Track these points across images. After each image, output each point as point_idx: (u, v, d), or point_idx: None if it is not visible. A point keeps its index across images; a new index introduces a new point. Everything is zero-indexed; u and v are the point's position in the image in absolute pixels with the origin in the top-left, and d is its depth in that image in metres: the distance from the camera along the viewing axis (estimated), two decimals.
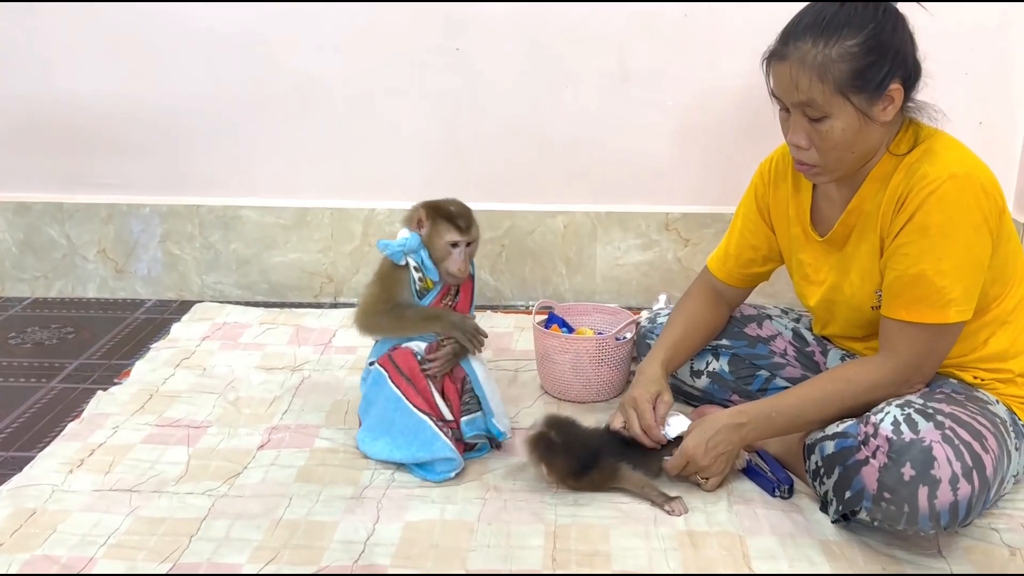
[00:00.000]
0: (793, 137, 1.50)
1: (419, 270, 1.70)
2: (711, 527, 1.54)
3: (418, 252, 1.69)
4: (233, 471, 1.70)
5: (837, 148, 1.47)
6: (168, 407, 1.95)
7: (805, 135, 1.48)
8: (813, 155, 1.50)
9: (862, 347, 1.72)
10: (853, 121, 1.45)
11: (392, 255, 1.69)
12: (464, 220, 1.70)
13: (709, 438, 1.58)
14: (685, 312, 1.84)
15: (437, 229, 1.69)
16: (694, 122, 2.47)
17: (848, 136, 1.46)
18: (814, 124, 1.46)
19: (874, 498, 1.41)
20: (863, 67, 1.42)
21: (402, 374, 1.67)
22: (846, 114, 1.44)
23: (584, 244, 2.57)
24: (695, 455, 1.59)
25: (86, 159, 2.58)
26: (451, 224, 1.69)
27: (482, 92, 2.47)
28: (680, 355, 1.81)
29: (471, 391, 1.72)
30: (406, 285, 1.71)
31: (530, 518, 1.57)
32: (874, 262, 1.55)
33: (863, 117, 1.45)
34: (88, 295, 2.67)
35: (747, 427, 1.59)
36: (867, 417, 1.47)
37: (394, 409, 1.67)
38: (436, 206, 1.70)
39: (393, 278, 1.70)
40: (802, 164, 1.53)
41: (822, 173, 1.52)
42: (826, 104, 1.43)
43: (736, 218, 1.82)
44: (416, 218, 1.70)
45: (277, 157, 2.56)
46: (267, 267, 2.63)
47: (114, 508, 1.58)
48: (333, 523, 1.54)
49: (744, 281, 1.84)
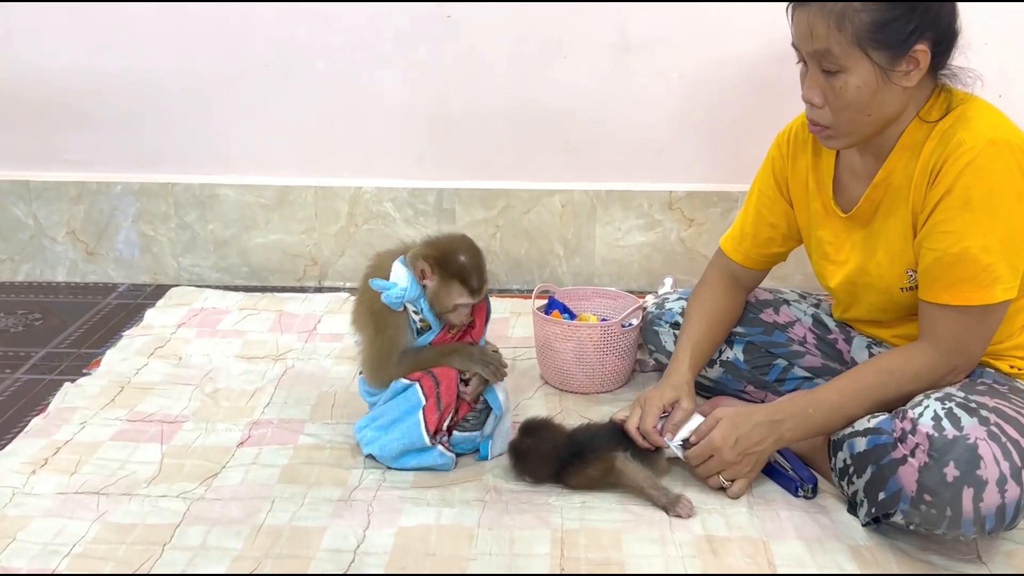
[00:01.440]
0: (808, 92, 1.42)
1: (418, 313, 1.57)
2: (731, 531, 1.45)
3: (418, 302, 1.55)
4: (210, 471, 1.61)
5: (850, 108, 1.39)
6: (140, 400, 1.86)
7: (820, 91, 1.41)
8: (826, 115, 1.42)
9: (888, 333, 1.62)
10: (870, 79, 1.36)
11: (389, 303, 1.53)
12: (477, 279, 1.52)
13: (742, 433, 1.48)
14: (704, 303, 1.73)
15: (446, 288, 1.52)
16: (700, 95, 2.41)
17: (863, 96, 1.37)
18: (829, 78, 1.39)
19: (912, 500, 1.32)
20: (886, 20, 1.33)
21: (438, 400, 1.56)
22: (863, 70, 1.36)
23: (583, 224, 2.51)
24: (722, 448, 1.49)
25: (53, 134, 2.51)
26: (463, 286, 1.52)
27: (475, 62, 2.41)
28: (705, 353, 1.71)
29: (480, 411, 1.63)
30: (406, 327, 1.58)
31: (534, 522, 1.47)
32: (905, 240, 1.46)
33: (882, 76, 1.36)
34: (57, 279, 2.61)
35: (784, 425, 1.49)
36: (903, 412, 1.37)
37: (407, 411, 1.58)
38: (445, 261, 1.51)
39: (391, 322, 1.56)
40: (814, 124, 1.46)
41: (835, 136, 1.45)
42: (842, 56, 1.35)
43: (751, 194, 1.71)
44: (420, 268, 1.52)
45: (257, 131, 2.50)
46: (247, 249, 2.57)
47: (80, 513, 1.49)
48: (320, 529, 1.45)
49: (762, 263, 1.75)
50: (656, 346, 1.87)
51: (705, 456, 1.50)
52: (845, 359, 1.72)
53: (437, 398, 1.56)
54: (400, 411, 1.58)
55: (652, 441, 1.54)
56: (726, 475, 1.51)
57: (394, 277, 1.54)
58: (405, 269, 1.54)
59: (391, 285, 1.52)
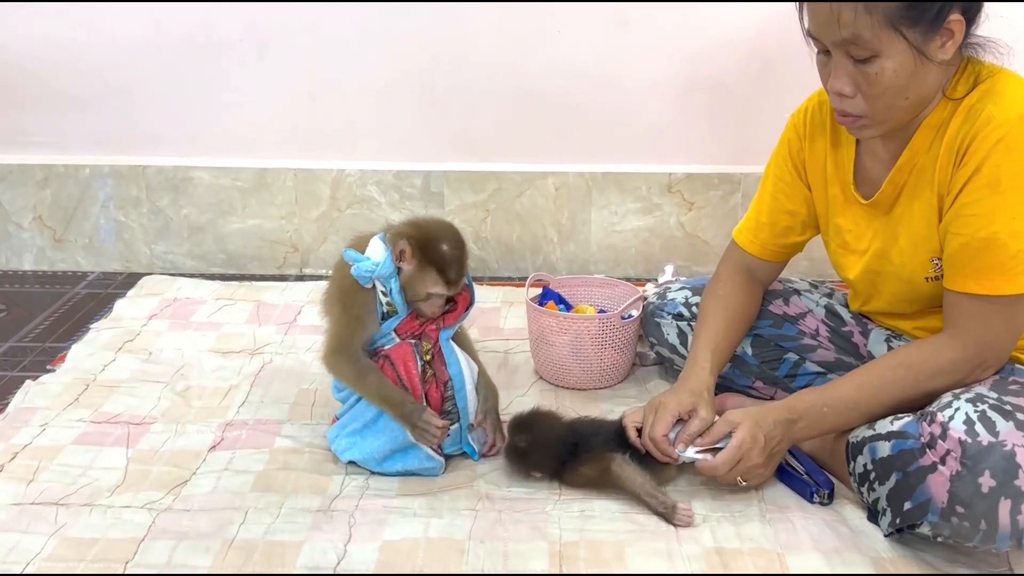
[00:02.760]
0: (835, 83, 1.32)
1: (386, 295, 1.49)
2: (743, 543, 1.36)
3: (388, 281, 1.47)
4: (179, 478, 1.51)
5: (887, 94, 1.30)
6: (106, 399, 1.76)
7: (850, 80, 1.30)
8: (859, 104, 1.32)
9: (910, 325, 1.53)
10: (907, 60, 1.27)
11: (358, 277, 1.46)
12: (455, 271, 1.47)
13: (766, 432, 1.40)
14: (721, 301, 1.62)
15: (422, 275, 1.46)
16: (701, 71, 2.36)
17: (901, 79, 1.28)
18: (860, 66, 1.29)
19: (943, 512, 1.22)
20: None
21: (398, 376, 1.48)
22: (898, 52, 1.26)
23: (577, 208, 2.45)
24: (751, 451, 1.39)
25: (16, 114, 2.45)
26: (440, 275, 1.46)
27: (464, 37, 2.35)
28: (724, 356, 1.60)
29: (452, 397, 1.53)
30: (372, 308, 1.49)
31: (530, 534, 1.38)
32: (930, 225, 1.37)
33: (918, 55, 1.27)
34: (24, 267, 2.54)
35: (799, 424, 1.40)
36: (930, 414, 1.27)
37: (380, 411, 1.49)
38: (426, 245, 1.46)
39: (357, 299, 1.48)
40: (845, 116, 1.35)
41: (869, 125, 1.35)
42: (874, 40, 1.25)
43: (766, 180, 1.61)
44: (399, 248, 1.46)
45: (232, 110, 2.43)
46: (223, 235, 2.50)
47: (36, 526, 1.39)
48: (296, 544, 1.35)
49: (780, 254, 1.65)
50: (658, 339, 1.77)
51: (735, 461, 1.40)
52: (861, 353, 1.62)
53: (402, 385, 1.47)
54: (373, 412, 1.49)
55: (661, 450, 1.43)
56: (745, 476, 1.42)
57: (369, 251, 1.48)
58: (383, 245, 1.48)
59: (364, 258, 1.46)
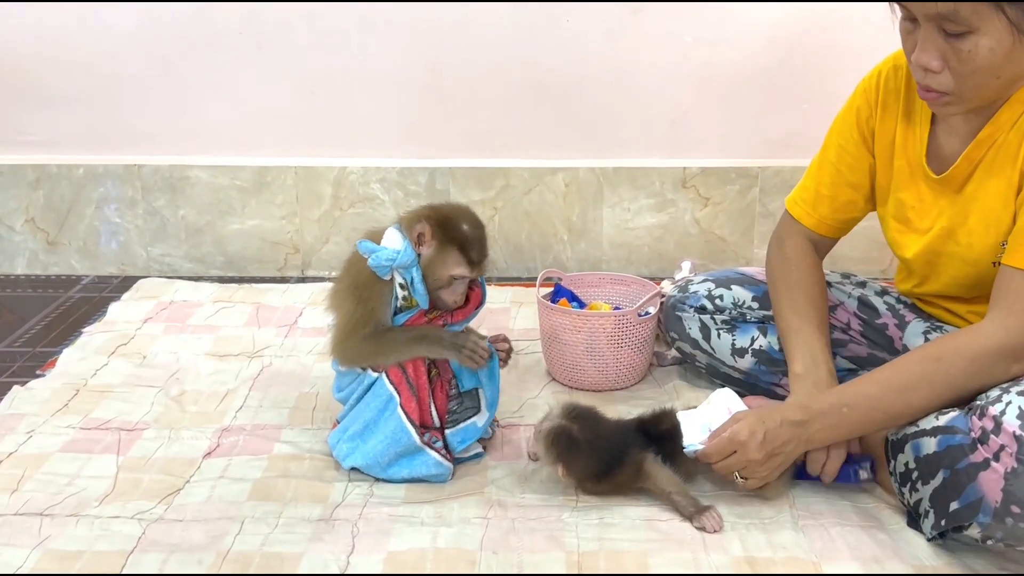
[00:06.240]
0: (922, 56, 1.24)
1: (405, 287, 1.43)
2: (775, 551, 1.28)
3: (409, 270, 1.41)
4: (171, 487, 1.44)
5: (979, 72, 1.23)
6: (97, 405, 1.70)
7: (939, 55, 1.23)
8: (946, 80, 1.25)
9: (965, 309, 1.46)
10: (1004, 38, 1.20)
11: (377, 268, 1.40)
12: (478, 252, 1.43)
13: (769, 429, 1.32)
14: (801, 288, 1.54)
15: (443, 256, 1.42)
16: (717, 60, 2.33)
17: (996, 58, 1.22)
18: (952, 41, 1.22)
19: (996, 512, 1.15)
20: None
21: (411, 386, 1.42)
22: (996, 30, 1.20)
23: (589, 205, 2.41)
24: (748, 445, 1.31)
25: (7, 113, 2.42)
26: (462, 255, 1.42)
27: (470, 27, 2.32)
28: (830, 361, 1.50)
29: (458, 396, 1.47)
30: (388, 302, 1.43)
31: (546, 543, 1.30)
32: (1006, 205, 1.31)
33: (1017, 34, 1.20)
34: (16, 271, 2.49)
35: (812, 426, 1.32)
36: (980, 407, 1.20)
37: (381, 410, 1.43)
38: (446, 225, 1.42)
39: (373, 292, 1.42)
40: (929, 91, 1.28)
41: (954, 103, 1.28)
42: (973, 16, 1.19)
43: (827, 149, 1.54)
44: (417, 231, 1.42)
45: (230, 106, 2.41)
46: (222, 236, 2.46)
47: (18, 539, 1.32)
48: (296, 555, 1.28)
49: (837, 230, 1.58)
50: (679, 334, 1.69)
51: (727, 452, 1.34)
52: (896, 347, 1.54)
53: (408, 384, 1.41)
54: (373, 412, 1.43)
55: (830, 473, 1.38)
56: (744, 473, 1.35)
57: (385, 242, 1.43)
58: (400, 235, 1.43)
59: (382, 248, 1.41)
